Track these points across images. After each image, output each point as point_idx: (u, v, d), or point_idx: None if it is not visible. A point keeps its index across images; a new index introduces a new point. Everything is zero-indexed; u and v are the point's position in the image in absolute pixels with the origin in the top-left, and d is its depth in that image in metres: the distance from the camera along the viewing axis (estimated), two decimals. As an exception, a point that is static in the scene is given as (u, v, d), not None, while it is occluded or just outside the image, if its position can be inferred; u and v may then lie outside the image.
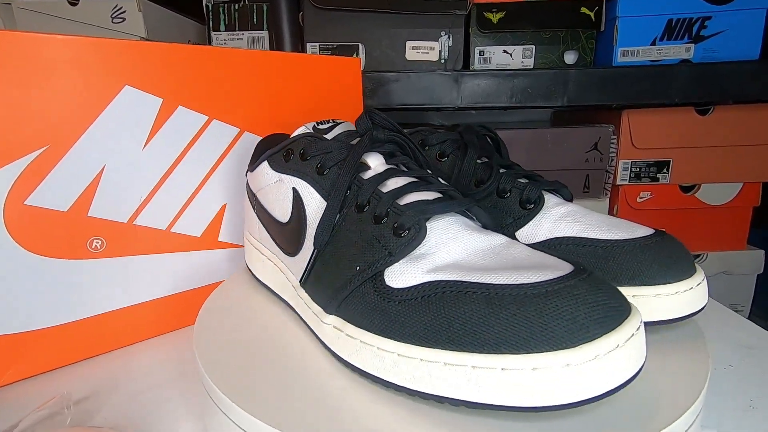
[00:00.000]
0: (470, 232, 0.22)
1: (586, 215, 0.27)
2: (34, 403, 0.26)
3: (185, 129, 0.33)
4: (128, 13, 0.62)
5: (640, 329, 0.17)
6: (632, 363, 0.17)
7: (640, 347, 0.17)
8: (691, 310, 0.24)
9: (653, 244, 0.24)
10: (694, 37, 0.60)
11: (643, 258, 0.24)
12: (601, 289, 0.17)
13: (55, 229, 0.29)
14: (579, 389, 0.16)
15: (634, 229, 0.25)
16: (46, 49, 0.27)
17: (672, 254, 0.24)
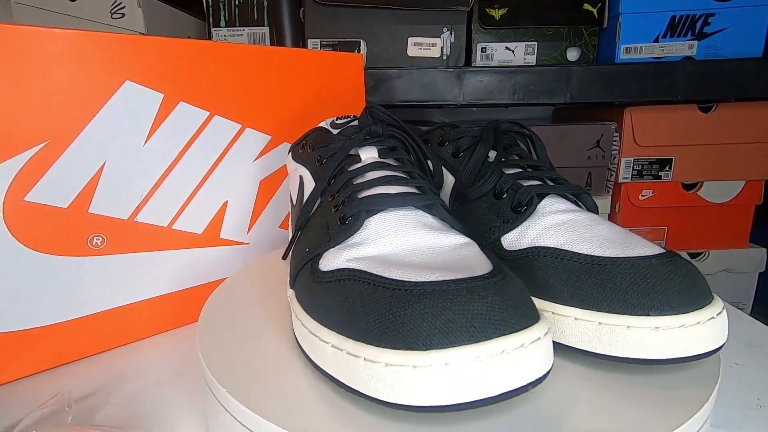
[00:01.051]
0: (418, 229, 0.22)
1: (587, 226, 0.23)
2: (35, 402, 0.25)
3: (186, 125, 0.33)
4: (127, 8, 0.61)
5: (538, 341, 0.16)
6: (520, 372, 0.15)
7: (533, 359, 0.15)
8: (699, 350, 0.19)
9: (651, 264, 0.20)
10: (697, 34, 0.60)
11: (630, 280, 0.20)
12: (504, 294, 0.16)
13: (55, 225, 0.29)
14: (457, 391, 0.15)
15: (634, 247, 0.21)
16: (45, 43, 0.27)
17: (676, 279, 0.19)
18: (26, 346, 0.29)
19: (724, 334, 0.20)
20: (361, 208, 0.22)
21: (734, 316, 0.34)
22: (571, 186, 0.26)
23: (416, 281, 0.17)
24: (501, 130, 0.29)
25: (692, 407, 0.18)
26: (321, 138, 0.28)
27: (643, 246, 0.21)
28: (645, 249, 0.21)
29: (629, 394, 0.19)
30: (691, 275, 0.20)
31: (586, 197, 0.26)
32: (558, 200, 0.25)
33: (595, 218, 0.24)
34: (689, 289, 0.19)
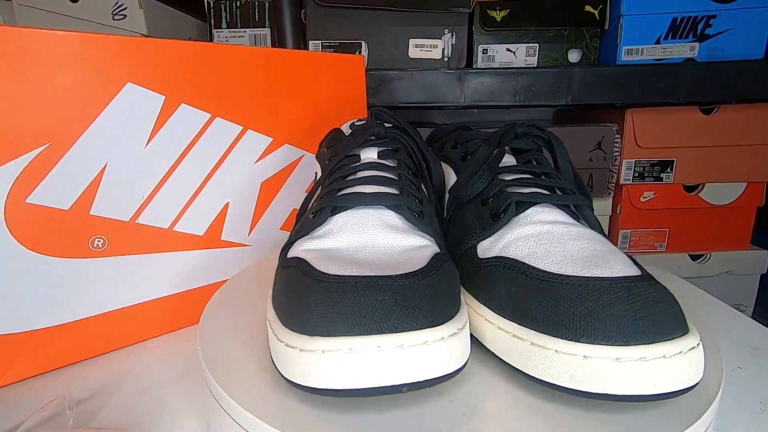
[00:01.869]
0: (378, 228, 0.22)
1: (562, 240, 0.21)
2: (36, 404, 0.25)
3: (188, 127, 0.33)
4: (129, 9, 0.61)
5: (424, 345, 0.16)
6: (393, 371, 0.16)
7: (409, 360, 0.16)
8: (638, 390, 0.16)
9: (601, 287, 0.18)
10: (699, 36, 0.60)
11: (570, 301, 0.18)
12: (401, 295, 0.17)
13: (56, 227, 0.29)
14: (331, 377, 0.16)
15: (599, 267, 0.19)
16: (47, 45, 0.27)
17: (623, 305, 0.17)
18: (27, 348, 0.29)
19: (687, 377, 0.17)
20: (328, 204, 0.23)
21: (736, 319, 0.34)
22: (568, 196, 0.24)
23: (334, 274, 0.18)
24: (517, 134, 0.27)
25: (695, 412, 0.18)
26: (334, 138, 0.30)
27: (612, 267, 0.19)
28: (610, 270, 0.19)
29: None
30: (651, 304, 0.17)
31: (585, 209, 0.24)
32: (548, 210, 0.23)
33: (580, 232, 0.22)
34: (639, 318, 0.17)
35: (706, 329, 0.25)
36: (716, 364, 0.21)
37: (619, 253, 0.21)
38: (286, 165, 0.40)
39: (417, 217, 0.23)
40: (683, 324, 0.17)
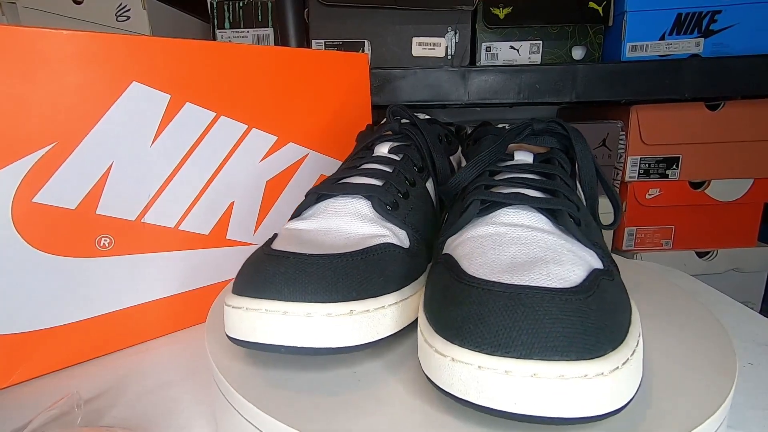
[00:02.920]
0: (346, 215, 0.24)
1: (509, 244, 0.19)
2: (44, 403, 0.25)
3: (193, 125, 0.33)
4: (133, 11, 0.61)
5: (286, 314, 0.19)
6: (269, 330, 0.19)
7: (276, 325, 0.19)
8: (565, 413, 0.14)
9: (519, 296, 0.16)
10: (704, 32, 0.59)
11: (460, 303, 0.17)
12: (289, 269, 0.19)
13: (63, 227, 0.29)
14: (241, 329, 0.20)
15: (530, 274, 0.17)
16: (52, 45, 0.27)
17: (505, 313, 0.15)
18: (35, 348, 0.29)
19: (570, 405, 0.14)
20: (316, 190, 0.26)
21: (745, 316, 0.34)
22: (542, 200, 0.21)
23: (275, 249, 0.21)
24: (534, 130, 0.26)
25: (708, 409, 0.18)
26: (362, 134, 0.32)
27: (540, 276, 0.17)
28: (535, 279, 0.17)
29: (644, 395, 0.19)
30: (544, 318, 0.15)
31: (563, 215, 0.21)
32: (521, 212, 0.21)
33: (534, 237, 0.20)
34: (522, 329, 0.15)
35: (717, 326, 0.25)
36: (729, 361, 0.21)
37: (573, 263, 0.18)
38: (291, 163, 0.40)
39: (389, 209, 0.25)
40: (589, 348, 0.15)
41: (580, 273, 0.17)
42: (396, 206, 0.25)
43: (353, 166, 0.28)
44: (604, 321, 0.16)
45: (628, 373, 0.15)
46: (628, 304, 0.18)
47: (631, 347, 0.16)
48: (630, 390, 0.16)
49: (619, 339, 0.16)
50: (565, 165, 0.24)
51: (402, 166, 0.27)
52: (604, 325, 0.16)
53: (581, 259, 0.19)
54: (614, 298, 0.17)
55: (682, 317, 0.26)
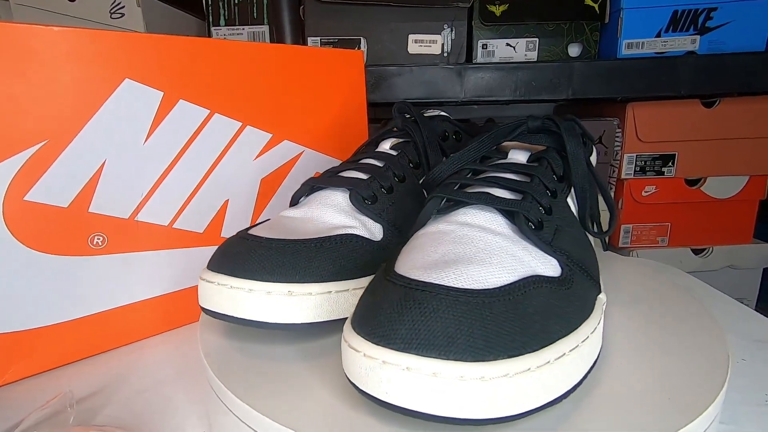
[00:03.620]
0: (326, 206, 0.26)
1: (446, 242, 0.19)
2: (37, 402, 0.25)
3: (187, 123, 0.33)
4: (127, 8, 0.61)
5: (237, 289, 0.21)
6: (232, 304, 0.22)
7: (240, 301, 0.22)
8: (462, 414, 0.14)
9: (405, 290, 0.16)
10: (700, 29, 0.59)
11: (378, 298, 0.17)
12: (245, 252, 0.22)
13: (55, 225, 0.29)
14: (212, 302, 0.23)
15: (448, 273, 0.17)
16: (44, 41, 0.27)
17: (399, 309, 0.15)
18: (27, 347, 0.29)
19: (441, 403, 0.14)
20: (310, 183, 0.28)
21: (740, 312, 0.34)
22: (499, 199, 0.21)
23: (249, 233, 0.24)
24: (530, 128, 0.25)
25: (701, 405, 0.18)
26: (376, 131, 0.34)
27: (458, 275, 0.17)
28: (451, 279, 0.16)
29: (637, 391, 0.19)
30: (434, 315, 0.15)
31: (519, 218, 0.20)
32: (478, 212, 0.21)
33: (474, 237, 0.19)
34: (404, 322, 0.15)
35: (711, 322, 0.25)
36: (723, 357, 0.21)
37: (504, 267, 0.18)
38: (286, 161, 0.39)
39: (367, 203, 0.26)
40: (474, 351, 0.15)
41: (505, 277, 0.17)
42: (375, 200, 0.27)
43: (352, 160, 0.30)
44: (505, 327, 0.15)
45: (528, 384, 0.15)
46: (567, 316, 0.17)
47: (544, 359, 0.15)
48: (529, 401, 0.15)
49: (524, 347, 0.15)
50: (556, 165, 0.23)
51: (395, 161, 0.28)
52: (504, 331, 0.15)
53: (521, 264, 0.18)
54: (542, 307, 0.17)
55: (677, 313, 0.26)
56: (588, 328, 0.18)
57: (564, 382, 0.16)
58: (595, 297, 0.21)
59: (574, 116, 0.25)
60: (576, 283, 0.19)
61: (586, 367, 0.18)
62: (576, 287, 0.19)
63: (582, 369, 0.18)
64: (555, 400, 0.16)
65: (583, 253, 0.21)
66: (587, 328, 0.18)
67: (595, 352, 0.19)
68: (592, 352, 0.19)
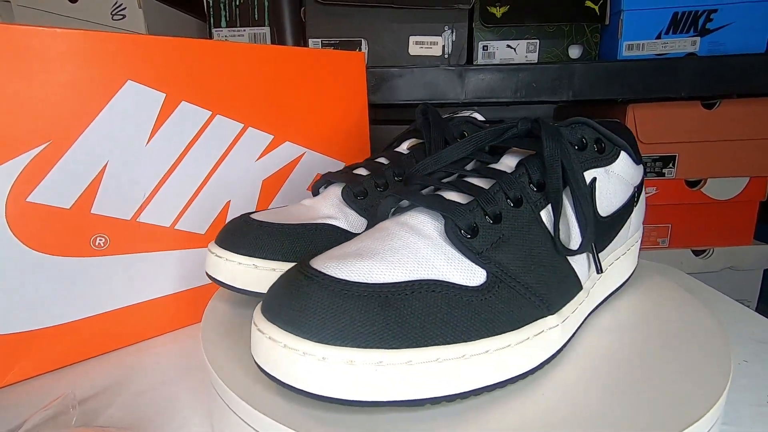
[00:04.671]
0: (324, 199, 0.29)
1: (367, 238, 0.20)
2: (39, 403, 0.25)
3: (189, 124, 0.33)
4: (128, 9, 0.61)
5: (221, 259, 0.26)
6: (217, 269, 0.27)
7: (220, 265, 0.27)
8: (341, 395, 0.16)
9: (304, 279, 0.18)
10: (700, 30, 0.59)
11: (287, 289, 0.18)
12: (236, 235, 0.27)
13: (58, 226, 0.29)
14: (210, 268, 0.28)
15: (347, 266, 0.18)
16: (47, 43, 0.27)
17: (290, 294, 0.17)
18: (30, 348, 0.29)
19: (285, 371, 0.16)
20: (328, 178, 0.31)
21: (742, 314, 0.34)
22: (437, 203, 0.21)
23: (250, 216, 0.28)
24: (518, 132, 0.23)
25: (703, 406, 0.18)
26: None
27: (350, 268, 0.18)
28: (343, 272, 0.18)
29: (640, 393, 0.19)
30: (301, 294, 0.17)
31: (449, 223, 0.20)
32: (420, 215, 0.21)
33: (400, 237, 0.20)
34: (281, 299, 0.17)
35: (713, 323, 0.25)
36: (725, 359, 0.21)
37: (401, 267, 0.18)
38: (287, 163, 0.40)
39: (359, 198, 0.28)
40: (316, 330, 0.16)
41: (394, 276, 0.18)
42: (365, 195, 0.29)
43: (371, 158, 0.32)
44: (361, 318, 0.16)
45: (378, 375, 0.16)
46: (464, 324, 0.18)
47: (406, 358, 0.16)
48: (379, 393, 0.16)
49: (382, 342, 0.16)
50: (533, 173, 0.22)
51: (400, 161, 0.30)
52: (359, 322, 0.16)
53: (424, 267, 0.18)
54: (424, 310, 0.17)
55: (678, 315, 0.26)
56: (498, 342, 0.18)
57: (436, 385, 0.17)
58: (534, 317, 0.20)
59: (586, 119, 0.23)
60: (499, 297, 0.19)
61: (486, 380, 0.18)
62: (496, 301, 0.19)
63: (476, 380, 0.17)
64: (426, 399, 0.17)
65: (530, 270, 0.20)
66: (496, 342, 0.18)
67: (516, 368, 0.19)
68: (505, 365, 0.18)
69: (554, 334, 0.20)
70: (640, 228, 0.30)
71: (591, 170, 0.23)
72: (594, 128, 0.23)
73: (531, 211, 0.21)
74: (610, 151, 0.24)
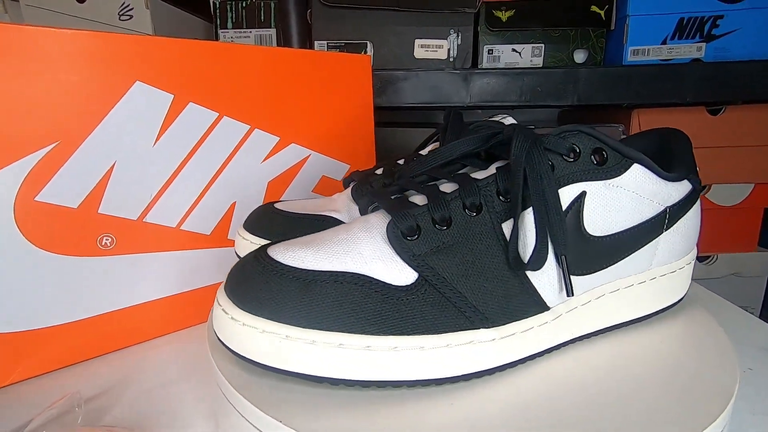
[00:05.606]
0: (340, 194, 0.32)
1: (332, 231, 0.22)
2: (45, 402, 0.25)
3: (196, 125, 0.33)
4: (135, 10, 0.61)
5: None
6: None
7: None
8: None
9: (250, 260, 0.21)
10: (706, 36, 0.59)
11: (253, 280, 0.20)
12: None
13: (65, 225, 0.29)
14: None
15: (290, 250, 0.20)
16: (56, 43, 0.27)
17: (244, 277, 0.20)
18: (36, 346, 0.29)
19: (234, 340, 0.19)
20: (352, 174, 0.33)
21: (746, 321, 0.34)
22: (386, 202, 0.22)
23: (275, 206, 0.31)
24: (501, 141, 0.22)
25: (711, 414, 0.18)
26: None
27: (291, 254, 0.20)
28: (281, 252, 0.20)
29: (645, 401, 0.19)
30: (243, 273, 0.20)
31: (390, 223, 0.21)
32: (380, 214, 0.22)
33: (350, 232, 0.21)
34: (233, 278, 0.21)
35: (717, 330, 0.25)
36: (731, 367, 0.21)
37: (333, 258, 0.20)
38: (293, 164, 0.40)
39: (362, 195, 0.29)
40: (248, 303, 0.19)
41: (323, 264, 0.20)
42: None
43: (392, 159, 0.34)
44: (280, 294, 0.19)
45: (272, 342, 0.19)
46: (376, 318, 0.19)
47: (309, 338, 0.18)
48: (280, 361, 0.19)
49: (292, 319, 0.19)
50: (501, 181, 0.21)
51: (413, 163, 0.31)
52: (278, 297, 0.19)
53: (356, 261, 0.20)
54: (338, 298, 0.19)
55: (683, 322, 0.26)
56: (410, 342, 0.19)
57: (338, 368, 0.19)
58: (461, 326, 0.19)
59: (584, 126, 0.21)
60: (423, 300, 0.19)
61: (391, 375, 0.19)
62: (418, 303, 0.19)
63: (381, 372, 0.19)
64: (327, 378, 0.19)
65: (468, 279, 0.20)
66: (408, 341, 0.19)
67: (428, 371, 0.19)
68: (414, 366, 0.19)
69: (487, 347, 0.20)
70: (681, 256, 0.26)
71: (583, 183, 0.21)
72: (594, 137, 0.21)
73: (490, 221, 0.21)
74: (616, 162, 0.21)
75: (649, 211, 0.23)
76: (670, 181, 0.23)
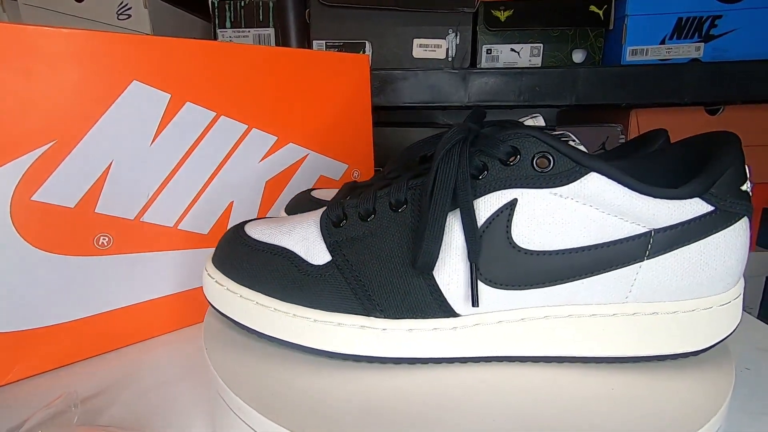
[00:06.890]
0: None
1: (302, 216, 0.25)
2: (41, 402, 0.25)
3: (193, 125, 0.33)
4: (134, 9, 0.61)
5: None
6: None
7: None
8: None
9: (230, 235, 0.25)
10: (704, 36, 0.59)
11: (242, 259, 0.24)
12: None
13: (62, 225, 0.29)
14: None
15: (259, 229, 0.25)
16: (53, 43, 0.27)
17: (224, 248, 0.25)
18: (32, 346, 0.29)
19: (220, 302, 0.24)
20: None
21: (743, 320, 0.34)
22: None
23: (316, 195, 0.34)
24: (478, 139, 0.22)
25: (706, 414, 0.18)
26: None
27: (260, 232, 0.24)
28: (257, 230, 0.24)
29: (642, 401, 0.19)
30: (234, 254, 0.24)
31: (324, 211, 0.24)
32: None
33: (306, 216, 0.25)
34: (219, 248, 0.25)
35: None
36: (727, 366, 0.21)
37: (284, 238, 0.24)
38: (291, 164, 0.40)
39: (352, 191, 0.29)
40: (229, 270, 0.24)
41: (268, 238, 0.24)
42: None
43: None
44: (236, 259, 0.24)
45: (227, 295, 0.23)
46: (282, 286, 0.22)
47: (240, 292, 0.23)
48: (228, 309, 0.24)
49: (233, 276, 0.23)
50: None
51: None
52: (235, 262, 0.24)
53: (295, 241, 0.23)
54: (260, 263, 0.23)
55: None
56: (305, 312, 0.21)
57: (253, 320, 0.23)
58: (355, 311, 0.21)
59: (530, 129, 0.20)
60: (327, 280, 0.22)
61: (288, 335, 0.22)
62: (322, 282, 0.22)
63: (279, 330, 0.22)
64: (247, 327, 0.23)
65: (372, 270, 0.21)
66: (303, 311, 0.22)
67: (317, 341, 0.22)
68: (305, 333, 0.22)
69: (375, 335, 0.21)
70: (686, 296, 0.21)
71: (516, 189, 0.19)
72: (540, 140, 0.19)
73: (410, 219, 0.21)
74: (565, 169, 0.19)
75: (617, 232, 0.19)
76: (657, 197, 0.19)
